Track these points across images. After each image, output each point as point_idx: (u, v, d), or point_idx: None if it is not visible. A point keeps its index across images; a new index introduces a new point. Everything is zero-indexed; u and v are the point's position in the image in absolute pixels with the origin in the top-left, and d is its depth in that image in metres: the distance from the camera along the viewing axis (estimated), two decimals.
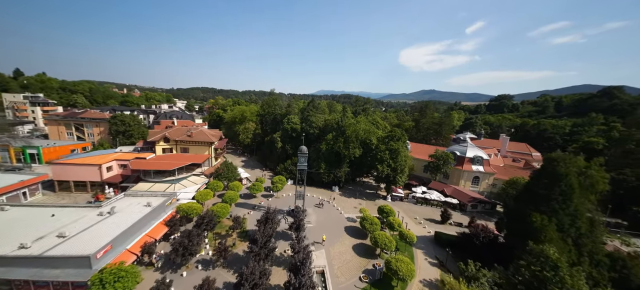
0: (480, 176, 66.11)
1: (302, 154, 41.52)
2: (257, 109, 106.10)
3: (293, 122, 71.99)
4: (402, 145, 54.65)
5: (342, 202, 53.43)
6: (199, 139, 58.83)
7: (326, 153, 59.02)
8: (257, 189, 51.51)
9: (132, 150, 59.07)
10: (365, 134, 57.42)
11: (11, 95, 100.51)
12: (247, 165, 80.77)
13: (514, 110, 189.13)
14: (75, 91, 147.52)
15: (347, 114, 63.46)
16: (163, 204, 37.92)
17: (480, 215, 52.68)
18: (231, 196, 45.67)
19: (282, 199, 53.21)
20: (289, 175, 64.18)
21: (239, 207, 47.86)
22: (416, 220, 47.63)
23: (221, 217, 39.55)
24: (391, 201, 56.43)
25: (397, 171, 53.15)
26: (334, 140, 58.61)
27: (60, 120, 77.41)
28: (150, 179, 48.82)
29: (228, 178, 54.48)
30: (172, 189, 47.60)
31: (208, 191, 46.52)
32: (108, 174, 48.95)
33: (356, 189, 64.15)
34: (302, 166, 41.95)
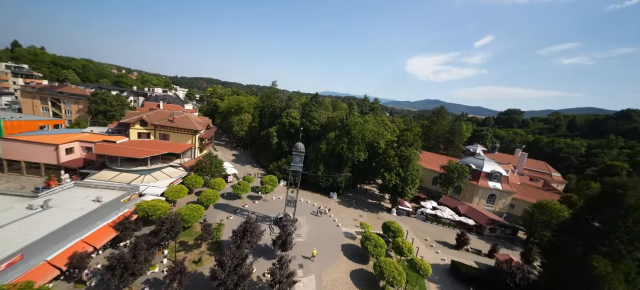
0: (496, 194, 58.55)
1: (298, 152, 34.10)
2: (255, 101, 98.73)
3: (292, 116, 64.56)
4: (415, 152, 47.14)
5: (340, 212, 45.91)
6: (182, 125, 51.39)
7: (326, 154, 51.56)
8: (243, 189, 44.03)
9: (104, 132, 51.63)
10: (373, 136, 49.92)
11: None
12: (238, 160, 73.32)
13: (524, 126, 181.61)
14: (66, 67, 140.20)
15: (353, 112, 55.91)
16: (118, 201, 30.44)
17: (499, 241, 45.15)
18: (209, 196, 38.19)
19: (271, 203, 45.71)
20: (282, 176, 56.69)
21: (218, 209, 40.36)
22: (427, 243, 40.09)
23: (191, 221, 32.05)
24: (396, 216, 48.91)
25: (407, 182, 45.62)
26: (337, 140, 51.14)
27: (35, 94, 70.01)
28: (116, 167, 41.39)
29: (211, 173, 46.96)
30: (141, 180, 40.15)
31: (182, 187, 39.03)
32: (67, 157, 41.50)
33: (357, 197, 56.62)
34: (296, 166, 34.51)
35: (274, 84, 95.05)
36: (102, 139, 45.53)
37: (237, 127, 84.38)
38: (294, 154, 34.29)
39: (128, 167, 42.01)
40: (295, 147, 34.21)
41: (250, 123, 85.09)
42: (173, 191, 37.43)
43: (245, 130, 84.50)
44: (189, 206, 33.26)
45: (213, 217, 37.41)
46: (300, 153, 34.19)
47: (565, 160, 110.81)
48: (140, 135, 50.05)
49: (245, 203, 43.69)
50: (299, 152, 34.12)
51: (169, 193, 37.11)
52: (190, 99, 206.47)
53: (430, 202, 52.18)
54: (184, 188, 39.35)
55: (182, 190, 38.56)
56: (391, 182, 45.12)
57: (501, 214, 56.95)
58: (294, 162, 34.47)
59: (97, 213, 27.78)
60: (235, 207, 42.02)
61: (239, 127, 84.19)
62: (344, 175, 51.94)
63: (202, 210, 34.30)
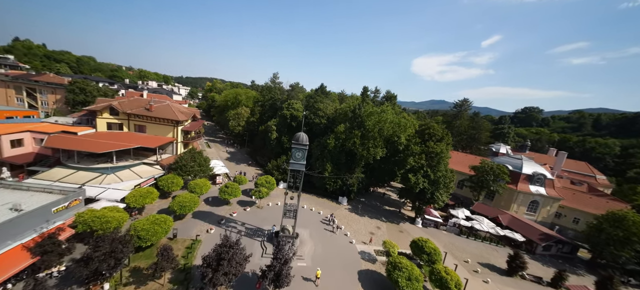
0: (540, 201, 48.50)
1: (300, 144, 25.02)
2: (255, 95, 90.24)
3: (294, 107, 55.63)
4: (446, 148, 37.50)
5: (353, 223, 36.64)
6: (161, 114, 42.87)
7: (334, 151, 42.36)
8: (232, 192, 35.20)
9: (70, 123, 43.48)
10: (393, 129, 40.43)
11: None
12: (233, 158, 64.68)
13: (544, 125, 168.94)
14: (60, 60, 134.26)
15: (367, 101, 46.56)
16: (47, 210, 21.78)
17: (554, 262, 35.30)
18: (184, 202, 29.43)
19: (267, 210, 36.73)
20: (281, 176, 47.69)
21: (198, 220, 31.53)
22: (469, 266, 30.49)
23: (152, 239, 23.26)
24: (422, 227, 39.36)
25: (438, 186, 36.01)
26: (347, 133, 41.89)
27: (9, 83, 62.60)
28: (71, 163, 33.00)
29: (193, 172, 38.27)
30: (100, 181, 31.66)
31: (150, 191, 30.37)
32: (14, 151, 33.30)
33: (371, 202, 47.25)
34: (298, 164, 25.44)
35: (275, 76, 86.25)
36: (61, 129, 37.26)
37: (234, 121, 75.89)
38: (295, 148, 25.21)
39: (88, 163, 33.62)
40: (296, 139, 25.13)
41: (249, 118, 76.52)
42: (137, 196, 28.76)
43: (243, 126, 75.93)
44: (151, 217, 24.50)
45: (188, 231, 28.58)
46: (302, 146, 25.10)
47: (600, 161, 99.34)
48: (110, 126, 41.70)
49: (233, 211, 34.80)
50: (301, 144, 25.03)
51: (131, 198, 28.46)
52: (192, 97, 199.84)
53: (461, 211, 42.45)
54: (153, 191, 30.72)
55: (149, 194, 29.89)
56: (417, 186, 35.55)
57: (551, 226, 46.78)
58: (294, 158, 25.39)
59: (10, 228, 19.19)
60: (221, 216, 33.14)
61: (236, 122, 75.69)
62: (355, 176, 42.65)
63: (170, 223, 25.52)
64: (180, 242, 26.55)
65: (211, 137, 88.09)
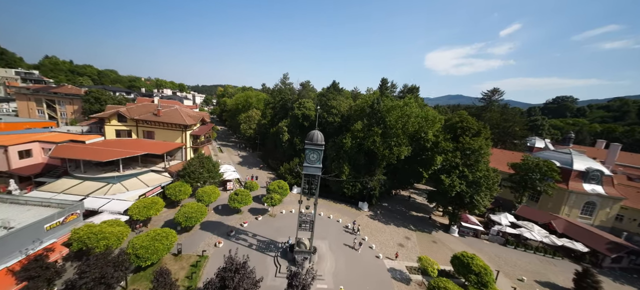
0: (597, 202, 41.27)
1: (315, 145, 21.30)
2: (266, 97, 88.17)
3: (305, 106, 52.15)
4: (486, 144, 32.11)
5: (377, 233, 32.29)
6: (169, 119, 41.07)
7: (352, 151, 38.28)
8: (242, 200, 32.22)
9: (81, 131, 42.89)
10: (419, 124, 35.61)
11: (3, 71, 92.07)
12: (245, 162, 62.42)
13: (580, 115, 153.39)
14: (82, 74, 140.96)
15: (386, 94, 41.99)
16: (39, 227, 19.65)
17: (630, 278, 28.79)
18: (190, 212, 26.73)
19: (280, 219, 33.37)
20: (295, 180, 44.41)
21: (206, 231, 28.73)
22: (523, 285, 25.11)
23: (152, 257, 20.53)
24: (458, 236, 34.13)
25: (479, 188, 30.66)
26: (366, 131, 37.68)
27: (30, 95, 64.73)
28: (78, 173, 31.57)
29: (201, 179, 35.84)
30: (105, 191, 29.85)
31: (155, 201, 28.02)
32: (22, 162, 32.48)
33: (395, 207, 42.52)
34: (312, 168, 21.74)
35: (286, 76, 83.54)
36: (69, 138, 36.30)
37: (245, 125, 74.03)
38: (309, 149, 21.50)
39: (94, 173, 32.08)
40: (310, 138, 21.41)
41: (260, 120, 74.30)
42: (140, 207, 26.41)
43: (254, 129, 73.86)
44: (151, 233, 21.84)
45: (194, 245, 25.77)
46: (317, 147, 21.35)
47: None
48: (119, 133, 40.44)
49: (244, 220, 31.75)
50: (316, 145, 21.28)
51: (135, 210, 26.15)
52: (206, 104, 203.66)
53: (504, 216, 36.64)
54: (158, 202, 28.36)
55: (154, 205, 27.50)
56: (453, 189, 30.47)
57: (612, 231, 39.49)
58: (308, 161, 21.69)
59: None
60: (231, 227, 30.18)
61: (247, 125, 73.78)
62: (376, 178, 38.23)
63: (173, 237, 22.76)
64: (185, 259, 23.72)
65: (224, 142, 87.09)
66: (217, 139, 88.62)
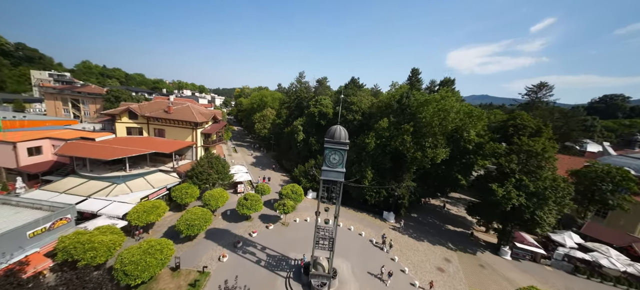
0: None
1: (336, 143, 16.85)
2: (281, 97, 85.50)
3: (322, 103, 48.00)
4: (551, 147, 25.59)
5: (407, 251, 27.03)
6: (179, 117, 38.93)
7: (376, 153, 33.37)
8: (252, 205, 28.63)
9: (96, 129, 42.19)
10: (461, 122, 29.82)
11: (38, 72, 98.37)
12: (259, 163, 59.55)
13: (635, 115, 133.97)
14: (111, 76, 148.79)
15: (417, 87, 36.52)
16: (20, 233, 17.19)
17: None
18: (193, 220, 23.53)
19: (293, 228, 29.31)
20: (310, 184, 40.28)
21: (211, 241, 25.40)
22: None
23: (142, 275, 17.30)
24: (511, 259, 27.76)
25: (545, 201, 24.21)
26: (392, 130, 32.59)
27: (56, 95, 67.24)
28: (84, 172, 29.88)
29: (210, 181, 32.92)
30: (107, 192, 27.71)
31: (157, 204, 25.23)
32: (31, 159, 31.60)
33: (426, 219, 36.77)
34: (333, 172, 17.32)
35: (301, 75, 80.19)
36: (80, 135, 35.20)
37: (259, 124, 71.61)
38: (329, 149, 17.07)
39: (100, 172, 30.26)
40: (331, 135, 16.99)
41: (274, 120, 71.44)
42: (140, 212, 23.65)
43: (268, 128, 71.11)
44: (144, 245, 18.70)
45: (195, 258, 22.42)
46: (339, 146, 16.87)
47: None
48: (130, 131, 39.00)
49: (253, 229, 28.07)
50: (338, 143, 16.81)
51: (134, 215, 23.43)
52: (225, 105, 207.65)
53: (567, 235, 29.57)
54: (160, 205, 25.55)
55: (155, 209, 24.67)
56: (509, 201, 24.31)
57: None
58: (328, 163, 17.27)
59: None
60: (238, 236, 26.64)
61: (261, 125, 71.28)
62: (405, 185, 32.88)
63: (170, 250, 19.47)
64: (183, 275, 20.37)
65: (238, 142, 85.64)
66: (232, 139, 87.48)
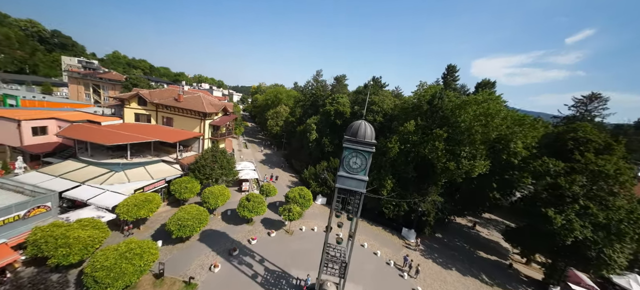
0: None
1: (360, 143, 12.97)
2: (296, 95, 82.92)
3: (339, 101, 44.30)
4: (629, 169, 20.09)
5: (435, 280, 22.46)
6: (189, 106, 36.92)
7: (398, 160, 29.06)
8: (254, 208, 25.45)
9: (108, 113, 41.43)
10: (508, 129, 24.86)
11: (68, 59, 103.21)
12: (268, 161, 56.85)
13: None
14: (136, 67, 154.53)
15: (452, 86, 31.70)
16: None
17: None
18: (185, 220, 20.71)
19: (299, 238, 25.74)
20: (320, 189, 36.60)
21: (204, 244, 22.44)
22: None
23: (118, 284, 14.46)
24: None
25: (618, 238, 18.83)
26: (421, 134, 28.13)
27: (79, 79, 69.15)
28: (85, 157, 28.30)
29: (214, 176, 30.28)
30: (105, 179, 25.76)
31: (151, 197, 22.76)
32: (35, 139, 30.68)
33: (453, 240, 31.72)
34: (354, 180, 13.44)
35: (319, 73, 77.03)
36: (87, 118, 34.08)
37: (272, 121, 69.26)
38: (350, 150, 13.18)
39: (101, 158, 28.57)
40: (353, 132, 13.15)
41: (288, 118, 68.72)
42: (130, 205, 21.18)
43: (281, 126, 68.53)
44: (122, 247, 15.94)
45: (184, 264, 19.45)
46: (363, 147, 12.93)
47: None
48: (138, 117, 37.56)
49: (253, 234, 24.82)
50: (362, 143, 12.90)
51: (123, 208, 20.99)
52: (242, 102, 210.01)
53: (633, 278, 23.45)
54: (154, 199, 23.09)
55: (147, 203, 22.15)
56: (570, 233, 19.09)
57: None
58: (347, 168, 13.39)
59: None
60: (236, 242, 23.51)
61: (274, 122, 68.87)
62: (431, 200, 28.21)
63: (153, 254, 16.59)
64: (167, 284, 17.41)
65: (250, 138, 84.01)
66: (244, 135, 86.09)
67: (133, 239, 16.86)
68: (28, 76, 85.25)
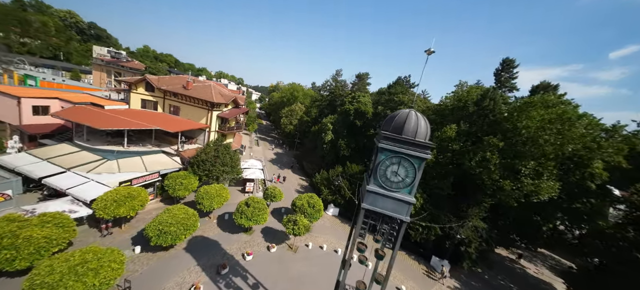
0: None
1: (407, 145, 8.16)
2: (314, 94, 79.15)
3: (360, 100, 39.46)
4: None
5: None
6: (197, 94, 34.10)
7: (433, 172, 23.57)
8: (254, 216, 21.29)
9: (119, 98, 39.92)
10: (595, 143, 18.67)
11: (99, 48, 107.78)
12: (278, 160, 53.14)
13: None
14: (162, 60, 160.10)
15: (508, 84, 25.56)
16: None
17: None
18: (167, 226, 17.00)
19: (304, 256, 21.15)
20: (333, 197, 31.83)
21: (190, 254, 18.58)
22: None
23: None
24: None
25: None
26: (466, 143, 22.51)
27: (103, 66, 70.53)
28: (80, 141, 26.02)
29: (215, 173, 26.74)
30: (93, 167, 23.04)
31: (134, 193, 19.40)
32: (36, 119, 29.10)
33: (495, 279, 25.38)
34: (391, 200, 8.54)
35: (338, 73, 72.61)
36: (91, 100, 32.26)
37: (286, 119, 65.81)
38: (389, 152, 8.36)
39: (96, 143, 26.15)
40: (397, 125, 8.27)
41: (302, 117, 64.90)
42: (109, 201, 17.89)
43: (295, 125, 64.85)
44: (75, 256, 12.33)
45: (159, 280, 15.63)
46: (412, 150, 8.08)
47: None
48: (145, 104, 35.38)
49: (250, 248, 20.62)
50: (411, 145, 8.07)
51: (100, 203, 17.73)
52: (260, 101, 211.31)
53: None
54: (139, 195, 19.73)
55: (129, 200, 18.78)
56: None
57: None
58: (382, 179, 8.53)
59: None
60: (229, 255, 19.45)
61: (288, 120, 65.36)
62: (472, 225, 22.36)
63: (116, 269, 12.83)
64: None
65: (263, 135, 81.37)
66: (257, 132, 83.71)
67: (91, 248, 13.27)
68: (60, 62, 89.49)
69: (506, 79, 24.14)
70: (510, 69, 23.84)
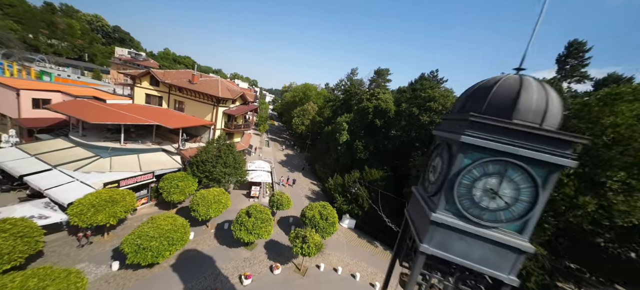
0: None
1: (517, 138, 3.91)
2: (327, 94, 75.66)
3: (380, 98, 35.20)
4: None
5: None
6: (203, 89, 31.68)
7: None
8: (255, 228, 17.81)
9: (113, 91, 38.68)
10: None
11: (121, 50, 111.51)
12: (288, 162, 49.90)
13: None
14: (180, 62, 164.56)
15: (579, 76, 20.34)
16: None
17: None
18: (148, 240, 13.86)
19: (312, 282, 17.27)
20: (349, 206, 27.77)
21: (177, 274, 15.34)
22: None
23: None
24: None
25: None
26: None
27: (119, 66, 71.50)
28: (76, 136, 24.11)
29: (216, 176, 23.76)
30: (82, 165, 20.74)
31: (117, 197, 16.59)
32: (35, 112, 27.75)
33: None
34: (479, 243, 4.10)
35: (354, 72, 68.57)
36: (94, 94, 30.70)
37: (297, 119, 62.68)
38: (481, 151, 4.38)
39: (92, 139, 24.13)
40: (499, 97, 4.23)
41: (314, 117, 61.47)
42: (86, 206, 15.17)
43: (307, 125, 61.54)
44: (27, 275, 9.30)
45: None
46: (538, 146, 4.09)
47: None
48: (149, 99, 33.48)
49: (248, 271, 17.11)
50: (534, 137, 4.03)
51: (76, 209, 15.04)
52: (274, 103, 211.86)
53: None
54: (124, 200, 16.91)
55: (110, 205, 16.00)
56: None
57: None
58: (457, 200, 4.34)
59: None
60: (223, 276, 16.06)
61: (299, 120, 62.19)
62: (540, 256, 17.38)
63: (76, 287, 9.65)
64: None
65: (274, 136, 78.96)
66: (268, 132, 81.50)
67: (43, 268, 10.28)
68: (83, 63, 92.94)
69: (574, 66, 18.91)
70: (578, 53, 18.61)
